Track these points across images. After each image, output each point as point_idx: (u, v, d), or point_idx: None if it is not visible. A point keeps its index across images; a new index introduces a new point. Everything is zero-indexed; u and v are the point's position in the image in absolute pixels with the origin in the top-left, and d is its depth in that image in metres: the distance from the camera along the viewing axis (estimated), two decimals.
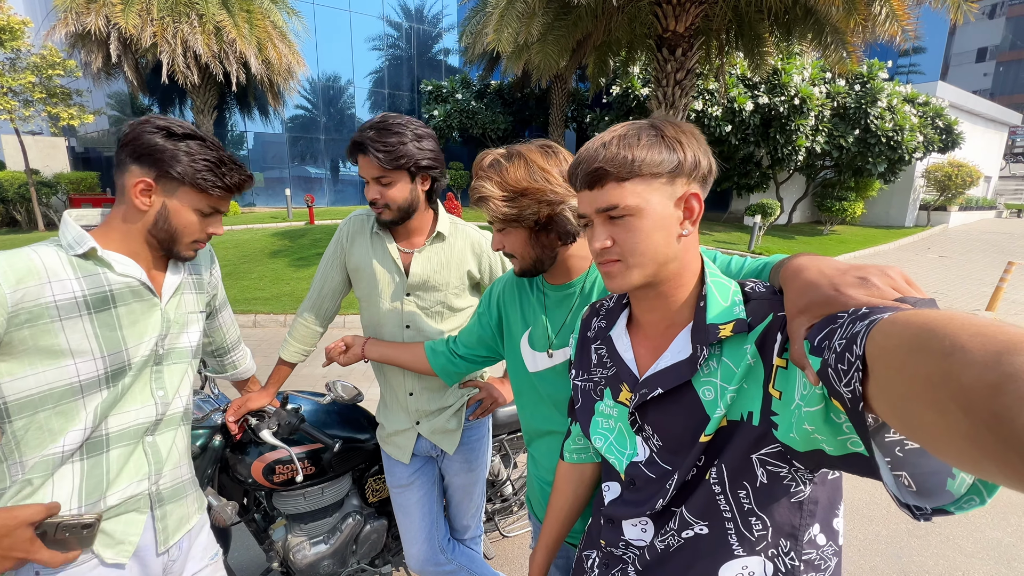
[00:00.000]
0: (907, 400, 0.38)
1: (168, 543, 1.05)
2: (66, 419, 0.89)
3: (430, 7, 19.13)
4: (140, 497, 1.00)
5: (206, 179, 0.95)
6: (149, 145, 0.92)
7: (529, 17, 6.93)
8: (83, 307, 0.89)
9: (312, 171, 18.07)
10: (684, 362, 0.70)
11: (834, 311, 0.54)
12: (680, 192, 0.67)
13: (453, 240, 1.46)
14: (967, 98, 18.21)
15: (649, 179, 0.66)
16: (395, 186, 1.31)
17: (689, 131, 0.69)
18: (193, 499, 1.13)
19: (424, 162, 1.31)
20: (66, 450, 0.89)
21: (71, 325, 0.87)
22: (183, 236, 0.98)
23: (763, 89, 12.34)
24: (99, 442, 0.93)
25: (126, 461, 0.98)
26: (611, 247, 0.70)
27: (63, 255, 0.89)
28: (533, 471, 1.19)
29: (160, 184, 0.94)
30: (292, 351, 1.55)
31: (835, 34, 6.91)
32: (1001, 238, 14.69)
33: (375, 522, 1.71)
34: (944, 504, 0.48)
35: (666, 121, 0.69)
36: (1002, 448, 0.30)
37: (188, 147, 0.94)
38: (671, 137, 0.67)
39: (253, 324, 5.81)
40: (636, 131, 0.67)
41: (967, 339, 0.34)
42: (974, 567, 2.26)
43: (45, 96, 11.16)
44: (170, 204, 0.95)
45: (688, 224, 0.69)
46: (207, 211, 0.99)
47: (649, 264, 0.69)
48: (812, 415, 0.55)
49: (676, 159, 0.66)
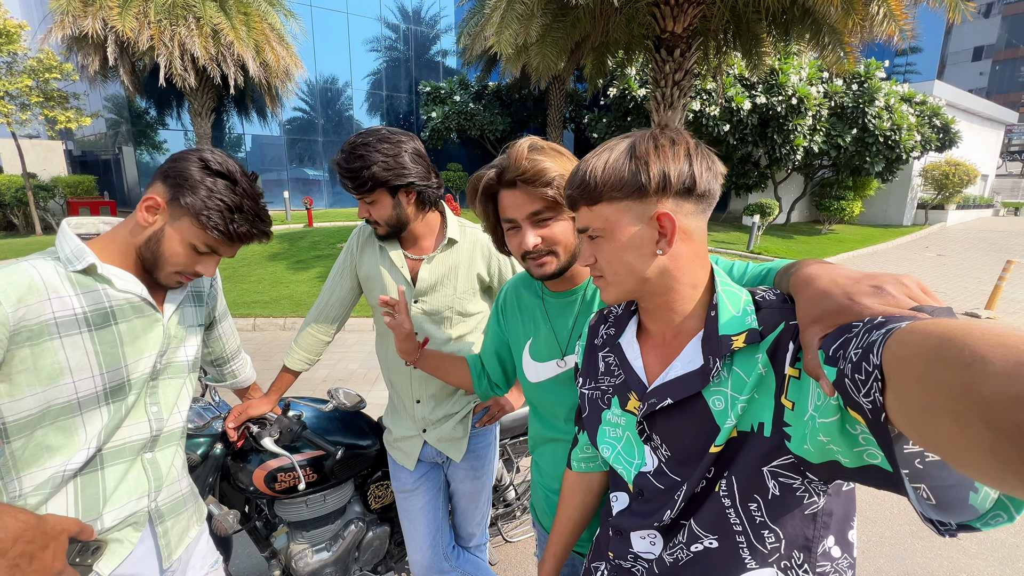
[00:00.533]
0: (926, 411, 0.37)
1: (172, 558, 1.04)
2: (64, 435, 0.87)
3: (427, 9, 19.14)
4: (140, 514, 0.98)
5: (210, 218, 0.92)
6: (180, 170, 0.92)
7: (528, 18, 6.92)
8: (83, 324, 0.87)
9: (310, 173, 18.07)
10: (695, 373, 0.69)
11: (849, 320, 0.53)
12: (651, 211, 0.66)
13: (462, 244, 1.45)
14: (964, 97, 18.28)
15: (615, 203, 0.67)
16: (377, 204, 1.31)
17: (666, 143, 0.66)
18: (192, 511, 1.12)
19: (398, 181, 1.26)
20: (68, 470, 0.87)
21: (71, 342, 0.86)
22: (166, 264, 0.95)
23: (761, 89, 12.36)
24: (94, 459, 0.92)
25: (123, 478, 0.96)
26: (594, 264, 0.73)
27: (61, 270, 0.87)
28: (537, 478, 1.18)
29: (169, 207, 0.93)
30: (297, 359, 1.54)
31: (833, 34, 6.91)
32: (999, 236, 14.73)
33: (377, 529, 1.70)
34: (969, 520, 0.46)
35: (650, 135, 0.67)
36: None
37: (213, 183, 0.92)
38: (641, 155, 0.65)
39: (252, 328, 5.79)
40: (608, 153, 0.68)
41: (988, 350, 0.33)
42: (978, 568, 2.25)
43: (42, 99, 11.13)
44: (168, 229, 0.93)
45: (664, 244, 0.67)
46: (202, 249, 0.95)
47: (626, 281, 0.71)
48: (827, 426, 0.54)
49: (638, 181, 0.65)
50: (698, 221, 0.69)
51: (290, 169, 17.53)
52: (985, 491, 0.47)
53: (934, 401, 0.36)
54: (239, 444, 1.48)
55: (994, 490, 0.47)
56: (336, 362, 4.77)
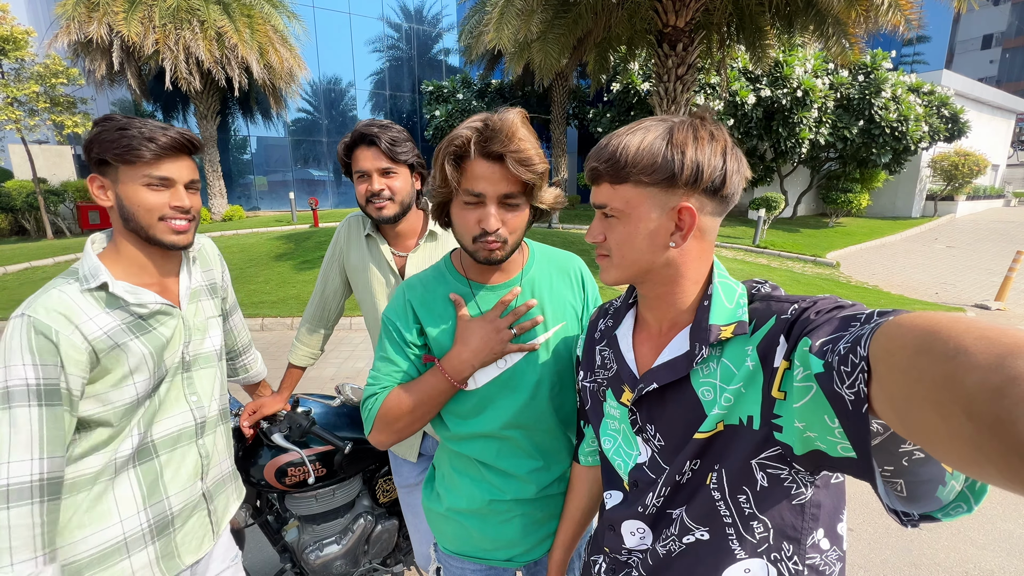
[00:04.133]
0: (910, 402, 0.38)
1: (218, 534, 1.14)
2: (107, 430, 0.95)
3: (429, 8, 19.13)
4: (196, 496, 1.08)
5: (128, 149, 0.91)
6: (88, 146, 0.93)
7: (528, 14, 6.91)
8: (127, 333, 0.94)
9: (315, 174, 18.14)
10: (681, 357, 0.70)
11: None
12: (674, 203, 0.65)
13: (446, 237, 1.48)
14: (973, 86, 18.00)
15: (641, 187, 0.65)
16: (400, 178, 1.36)
17: (705, 135, 0.64)
18: (232, 489, 1.21)
19: (420, 159, 1.39)
20: (119, 459, 0.96)
21: (129, 347, 0.94)
22: (145, 217, 0.95)
23: (765, 82, 12.26)
24: (147, 449, 1.00)
25: (180, 464, 1.05)
26: (602, 242, 0.72)
27: (85, 292, 0.92)
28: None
29: (107, 177, 0.95)
30: (300, 355, 1.57)
31: (837, 25, 6.84)
32: (1010, 227, 14.53)
33: (386, 522, 1.73)
34: (931, 511, 0.48)
35: (689, 123, 0.65)
36: (1005, 451, 0.30)
37: (108, 131, 0.92)
38: (679, 143, 0.63)
39: (261, 328, 5.85)
40: (644, 133, 0.65)
41: (971, 342, 0.34)
42: (985, 559, 2.25)
43: (49, 105, 11.25)
44: (119, 191, 0.94)
45: (678, 237, 0.66)
46: (155, 183, 0.94)
47: (630, 267, 0.70)
48: (802, 410, 0.55)
49: (670, 170, 0.63)
50: (714, 221, 0.68)
51: (295, 170, 17.62)
52: (952, 484, 0.49)
53: (918, 392, 0.37)
54: (250, 440, 1.51)
55: (959, 483, 0.49)
56: (344, 360, 4.81)
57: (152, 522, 1.00)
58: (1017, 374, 0.30)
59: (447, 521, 1.05)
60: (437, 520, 1.07)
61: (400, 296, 0.99)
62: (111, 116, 0.94)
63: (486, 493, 0.99)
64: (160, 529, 1.01)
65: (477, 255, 0.89)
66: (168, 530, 1.02)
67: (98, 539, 0.93)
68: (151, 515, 0.99)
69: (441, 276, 1.00)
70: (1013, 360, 0.31)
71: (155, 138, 0.92)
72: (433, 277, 1.00)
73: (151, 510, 0.99)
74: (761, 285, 0.71)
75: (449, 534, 1.06)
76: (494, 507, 1.00)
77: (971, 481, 0.48)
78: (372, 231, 1.46)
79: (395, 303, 0.99)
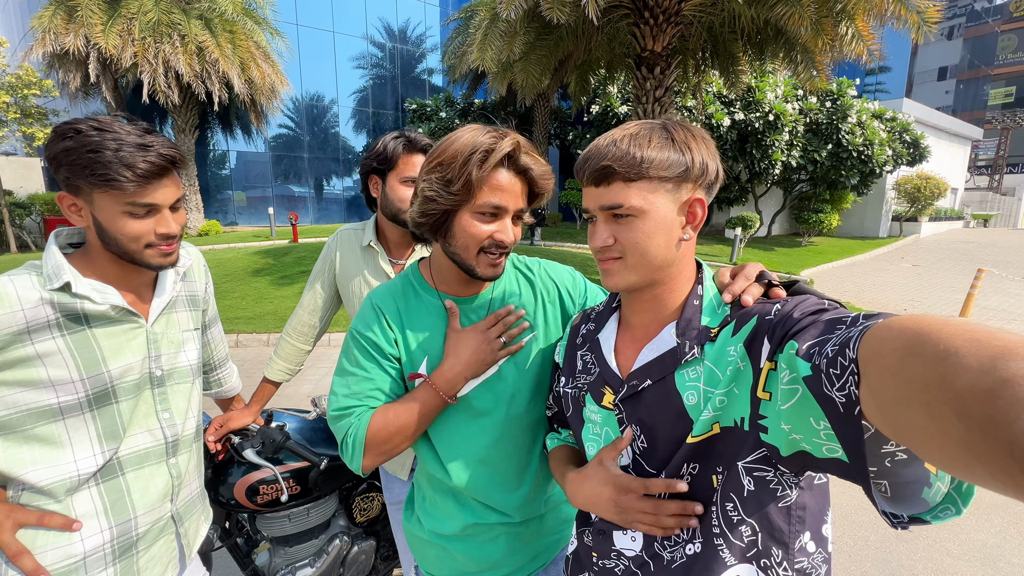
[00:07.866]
0: (899, 404, 0.38)
1: (190, 557, 1.09)
2: (45, 441, 0.88)
3: (413, 28, 19.42)
4: (165, 518, 1.02)
5: (108, 178, 0.80)
6: (56, 163, 0.82)
7: (511, 36, 7.07)
8: (55, 328, 0.87)
9: (296, 190, 17.98)
10: (666, 354, 0.70)
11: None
12: (685, 197, 0.68)
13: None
14: (931, 114, 19.03)
15: (656, 182, 0.66)
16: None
17: (699, 135, 0.68)
18: (201, 511, 1.15)
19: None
20: (82, 474, 0.90)
21: (44, 347, 0.86)
22: (130, 244, 0.88)
23: (739, 106, 12.73)
24: (112, 466, 0.94)
25: (148, 483, 0.99)
26: (612, 245, 0.70)
27: (39, 285, 0.86)
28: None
29: (77, 195, 0.85)
30: (277, 369, 1.52)
31: (805, 53, 7.19)
32: (970, 247, 15.21)
33: (363, 543, 1.67)
34: (919, 512, 0.48)
35: (677, 124, 0.69)
36: (995, 453, 0.30)
37: (79, 152, 0.80)
38: (681, 141, 0.66)
39: (235, 344, 5.68)
40: (648, 132, 0.67)
41: (962, 344, 0.34)
42: (960, 569, 2.28)
43: (20, 116, 10.96)
44: (97, 215, 0.86)
45: (689, 229, 0.69)
46: (139, 212, 0.86)
47: (647, 266, 0.70)
48: (788, 412, 0.55)
49: (684, 163, 0.66)
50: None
51: (275, 185, 17.43)
52: (937, 486, 0.49)
53: (909, 394, 0.37)
54: (220, 456, 1.45)
55: (944, 484, 0.49)
56: (321, 377, 4.70)
57: (115, 542, 0.94)
58: (1009, 376, 0.30)
59: (429, 545, 1.01)
60: (418, 543, 1.04)
61: (370, 308, 0.94)
62: (77, 127, 0.82)
63: (469, 516, 0.96)
64: (123, 550, 0.95)
65: (476, 268, 0.86)
66: (131, 552, 0.96)
67: (56, 555, 0.88)
68: (115, 534, 0.94)
69: (411, 288, 0.96)
70: (1005, 362, 0.31)
71: (134, 165, 0.82)
72: (402, 289, 0.96)
73: (116, 529, 0.94)
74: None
75: (431, 557, 1.02)
76: (477, 529, 0.96)
77: (957, 483, 0.48)
78: (375, 242, 1.46)
79: (365, 315, 0.93)
